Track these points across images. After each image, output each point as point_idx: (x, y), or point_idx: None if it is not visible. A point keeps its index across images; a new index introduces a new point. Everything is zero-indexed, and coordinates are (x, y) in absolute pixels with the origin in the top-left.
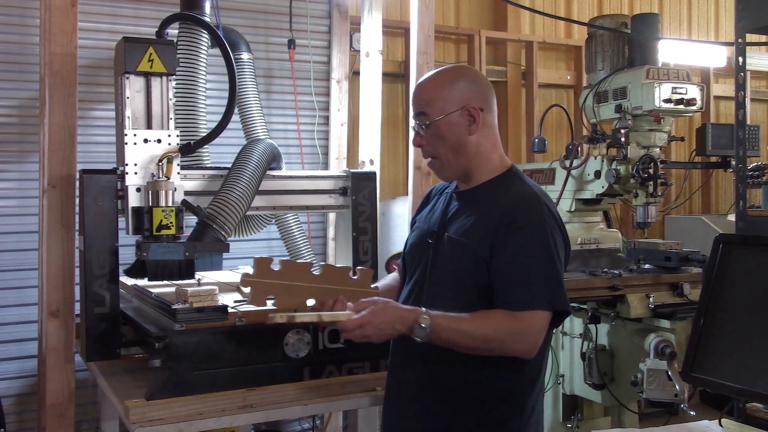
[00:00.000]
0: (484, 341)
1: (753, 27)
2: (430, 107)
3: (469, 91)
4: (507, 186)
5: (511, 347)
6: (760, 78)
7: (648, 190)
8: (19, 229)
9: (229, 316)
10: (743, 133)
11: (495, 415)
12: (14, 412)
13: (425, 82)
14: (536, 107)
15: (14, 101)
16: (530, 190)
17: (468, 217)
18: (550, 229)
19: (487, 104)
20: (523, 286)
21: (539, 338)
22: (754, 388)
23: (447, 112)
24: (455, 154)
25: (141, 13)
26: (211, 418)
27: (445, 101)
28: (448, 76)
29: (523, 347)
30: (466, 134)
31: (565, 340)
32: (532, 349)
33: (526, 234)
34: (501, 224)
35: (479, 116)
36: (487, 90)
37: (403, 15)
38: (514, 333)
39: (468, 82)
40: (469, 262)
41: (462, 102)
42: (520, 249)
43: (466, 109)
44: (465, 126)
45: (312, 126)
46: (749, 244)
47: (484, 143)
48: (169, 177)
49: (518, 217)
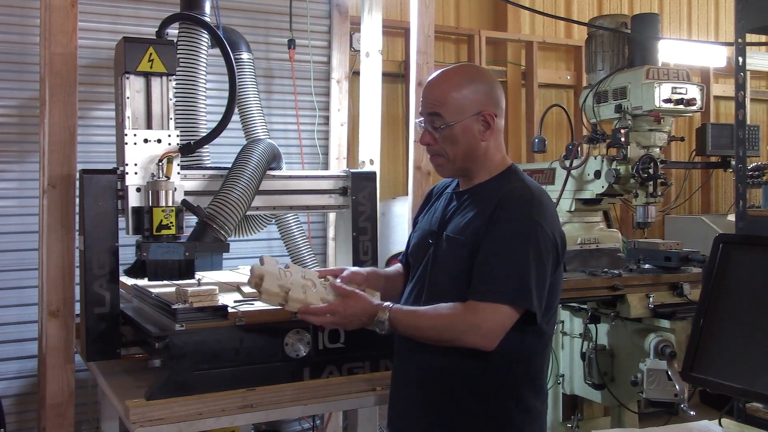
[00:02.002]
0: (436, 334)
1: (753, 27)
2: (445, 109)
3: (486, 95)
4: (504, 183)
5: (465, 338)
6: (760, 78)
7: (648, 190)
8: (19, 229)
9: (229, 316)
10: (743, 133)
11: (492, 412)
12: (14, 412)
13: (440, 82)
14: (536, 107)
15: (14, 101)
16: (525, 186)
17: (465, 215)
18: (534, 226)
19: (500, 109)
20: (489, 278)
21: (495, 331)
22: (754, 388)
23: (463, 117)
24: (464, 157)
25: (141, 13)
26: (211, 418)
27: (461, 105)
28: (465, 77)
29: (475, 340)
30: (479, 140)
31: (565, 340)
32: (487, 342)
33: (506, 228)
34: (491, 218)
35: (494, 122)
36: (500, 93)
37: (403, 15)
38: (466, 325)
39: (484, 85)
40: (465, 258)
41: (479, 107)
42: (497, 242)
43: (482, 115)
44: (479, 131)
45: (312, 126)
46: (749, 244)
47: (491, 148)
48: (169, 177)
49: (505, 211)
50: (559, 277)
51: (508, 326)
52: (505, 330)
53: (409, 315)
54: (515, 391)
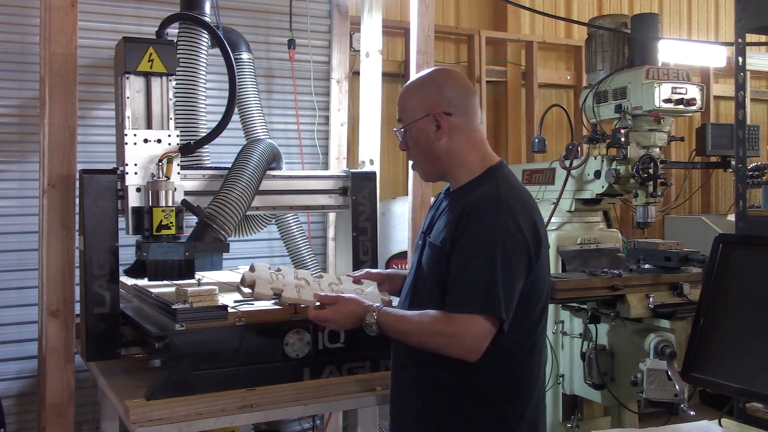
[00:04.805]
0: (420, 342)
1: (753, 27)
2: (403, 113)
3: (437, 96)
4: (476, 187)
5: (448, 350)
6: (760, 78)
7: (648, 190)
8: (19, 229)
9: (229, 316)
10: (743, 133)
11: (483, 421)
12: (14, 412)
13: (402, 90)
14: (536, 107)
15: (14, 101)
16: (493, 189)
17: (443, 221)
18: (501, 231)
19: (456, 107)
20: (460, 289)
21: (476, 343)
22: (754, 388)
23: (415, 119)
24: (428, 159)
25: (141, 13)
26: (211, 418)
27: (413, 108)
28: (419, 82)
29: (458, 351)
30: (434, 140)
31: (565, 340)
32: (469, 353)
33: (473, 236)
34: (459, 226)
35: (444, 121)
36: (460, 93)
37: (403, 15)
38: (447, 336)
39: (436, 87)
40: (438, 265)
41: (427, 108)
42: (464, 252)
43: (431, 116)
44: (432, 131)
45: (312, 126)
46: (749, 244)
47: (456, 147)
48: (169, 177)
49: (471, 219)
50: (539, 275)
51: (488, 335)
52: (486, 339)
53: (395, 320)
54: (495, 399)
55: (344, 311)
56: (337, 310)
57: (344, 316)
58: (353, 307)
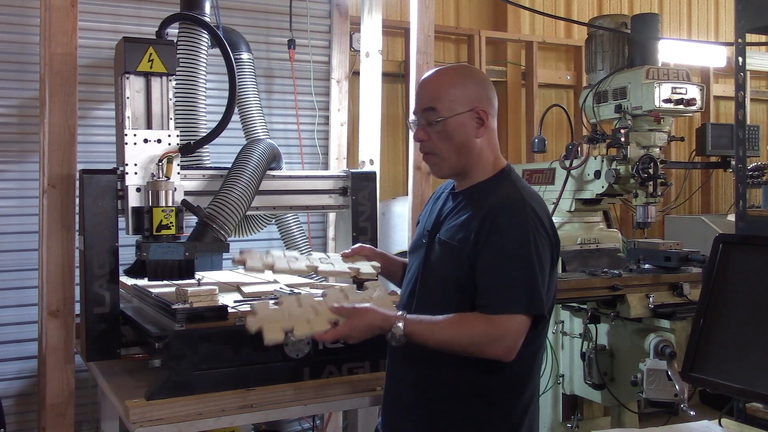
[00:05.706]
0: (459, 347)
1: (753, 27)
2: (440, 103)
3: (479, 92)
4: (495, 187)
5: (487, 351)
6: (760, 78)
7: (648, 190)
8: (19, 229)
9: (229, 316)
10: (743, 133)
11: (482, 417)
12: (14, 412)
13: (434, 78)
14: (536, 107)
15: (14, 101)
16: (516, 191)
17: (457, 219)
18: (532, 231)
19: (493, 108)
20: (500, 289)
21: (516, 342)
22: (754, 388)
23: (457, 112)
24: (457, 154)
25: (141, 13)
26: (211, 418)
27: (455, 100)
28: (460, 74)
29: (499, 351)
30: (473, 136)
31: (565, 340)
32: (509, 353)
33: (506, 236)
34: (484, 226)
35: (488, 119)
36: (493, 93)
37: (403, 15)
38: (489, 337)
39: (477, 83)
40: (454, 264)
41: (473, 103)
42: (499, 252)
43: (476, 111)
44: (473, 128)
45: (312, 126)
46: (749, 244)
47: (485, 146)
48: (169, 177)
49: (500, 219)
50: (555, 277)
51: (525, 333)
52: (523, 337)
53: (427, 330)
54: (499, 397)
55: (361, 325)
56: (354, 325)
57: (362, 330)
58: (371, 319)
